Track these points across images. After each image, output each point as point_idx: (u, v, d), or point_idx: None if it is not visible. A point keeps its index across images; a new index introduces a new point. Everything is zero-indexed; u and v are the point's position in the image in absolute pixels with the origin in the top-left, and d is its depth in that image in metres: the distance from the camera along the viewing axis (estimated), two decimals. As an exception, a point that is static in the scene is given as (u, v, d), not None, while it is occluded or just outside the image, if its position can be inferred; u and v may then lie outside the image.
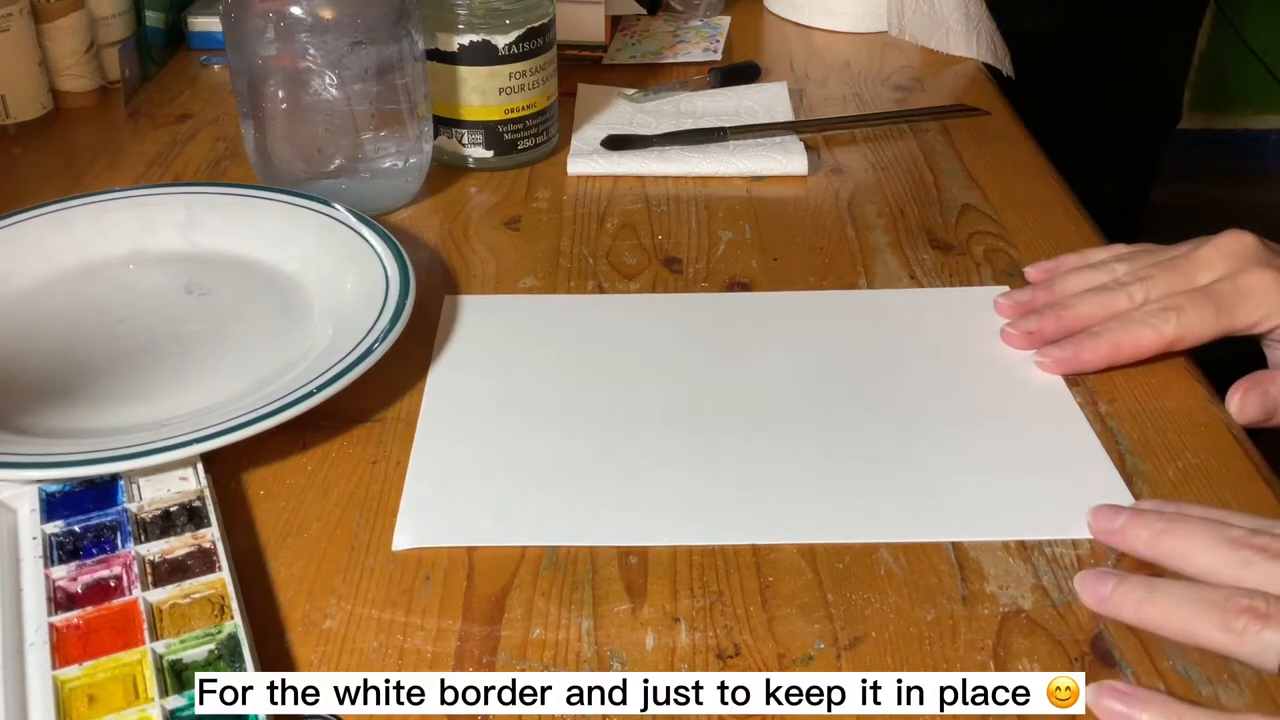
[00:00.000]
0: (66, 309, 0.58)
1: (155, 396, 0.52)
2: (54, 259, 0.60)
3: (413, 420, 0.51)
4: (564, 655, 0.41)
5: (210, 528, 0.44)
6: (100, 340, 0.55)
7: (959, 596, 0.43)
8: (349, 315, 0.55)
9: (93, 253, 0.61)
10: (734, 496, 0.47)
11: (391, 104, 0.65)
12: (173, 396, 0.52)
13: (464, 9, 0.67)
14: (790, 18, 0.96)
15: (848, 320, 0.58)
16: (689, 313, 0.58)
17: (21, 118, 0.76)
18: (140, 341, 0.55)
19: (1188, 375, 0.53)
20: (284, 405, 0.48)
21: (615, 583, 0.43)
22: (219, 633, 0.40)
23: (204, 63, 0.87)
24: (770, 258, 0.59)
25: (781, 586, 0.43)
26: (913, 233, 0.64)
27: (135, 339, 0.56)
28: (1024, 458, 0.49)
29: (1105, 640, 0.41)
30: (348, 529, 0.46)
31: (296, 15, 0.61)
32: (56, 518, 0.44)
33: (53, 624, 0.40)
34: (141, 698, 0.38)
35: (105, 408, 0.51)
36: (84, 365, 0.54)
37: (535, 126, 0.71)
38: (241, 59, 0.64)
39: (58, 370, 0.54)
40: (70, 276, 0.60)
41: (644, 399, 0.52)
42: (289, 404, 0.48)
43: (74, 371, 0.53)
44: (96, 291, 0.59)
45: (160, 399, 0.51)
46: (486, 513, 0.46)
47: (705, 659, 0.40)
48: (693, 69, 0.86)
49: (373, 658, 0.41)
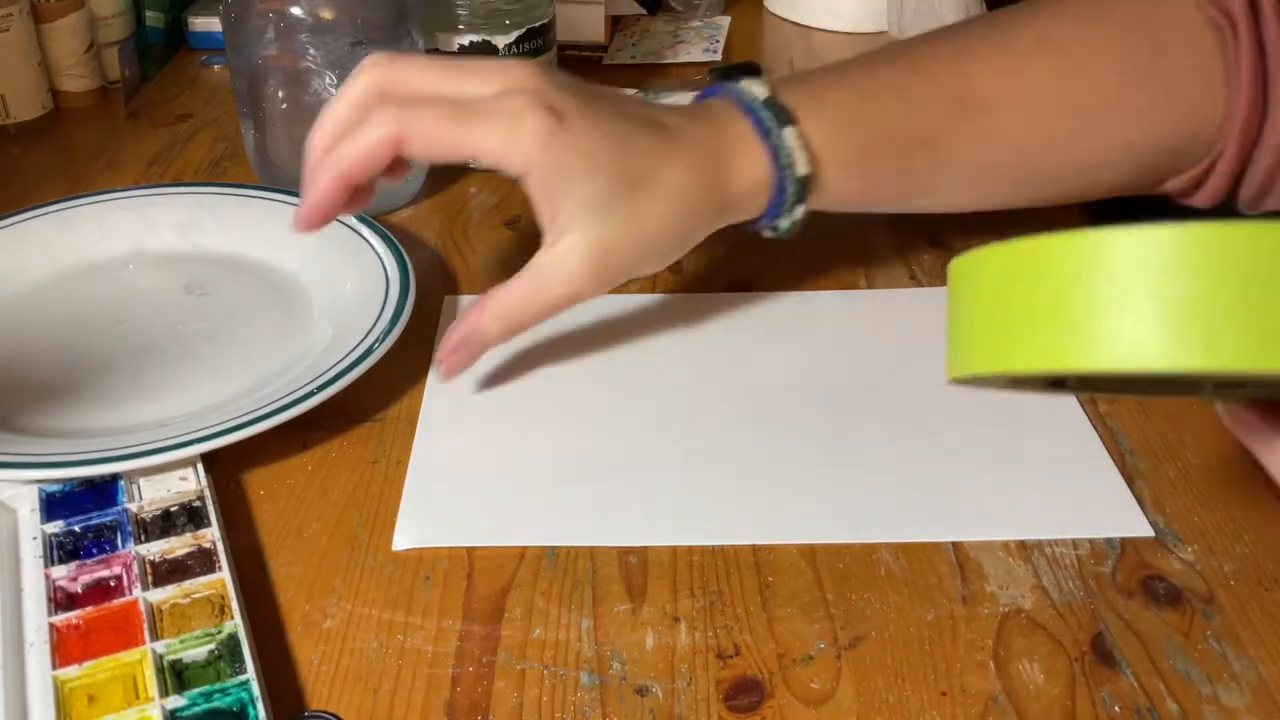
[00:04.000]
0: (67, 309, 0.58)
1: (154, 396, 0.52)
2: (54, 259, 0.60)
3: (413, 420, 0.51)
4: (564, 655, 0.41)
5: (210, 528, 0.44)
6: (100, 340, 0.55)
7: (959, 596, 0.43)
8: (349, 315, 0.55)
9: (93, 253, 0.61)
10: (734, 496, 0.47)
11: (391, 104, 0.65)
12: (172, 397, 0.52)
13: (464, 9, 0.67)
14: (790, 18, 0.96)
15: (848, 320, 0.58)
16: (689, 313, 0.58)
17: (21, 118, 0.77)
18: (139, 342, 0.55)
19: (1188, 375, 0.53)
20: (284, 405, 0.48)
21: (615, 583, 0.43)
22: (219, 633, 0.40)
23: (204, 63, 0.87)
24: (770, 258, 0.59)
25: (781, 586, 0.43)
26: (913, 233, 0.64)
27: (135, 339, 0.56)
28: (1024, 457, 0.49)
29: (1105, 640, 0.41)
30: (348, 529, 0.46)
31: (296, 15, 0.61)
32: (56, 518, 0.44)
33: (53, 624, 0.40)
34: (141, 698, 0.38)
35: (104, 408, 0.51)
36: (83, 365, 0.54)
37: (535, 126, 0.71)
38: (241, 59, 0.64)
39: (57, 370, 0.54)
40: (71, 276, 0.60)
41: (644, 399, 0.52)
42: (289, 404, 0.48)
43: (73, 371, 0.53)
44: (97, 291, 0.59)
45: (159, 399, 0.51)
46: (486, 513, 0.46)
47: (705, 659, 0.40)
48: (693, 69, 0.86)
49: (373, 658, 0.41)
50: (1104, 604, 0.42)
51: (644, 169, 0.49)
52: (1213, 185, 0.57)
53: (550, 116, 0.47)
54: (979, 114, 0.54)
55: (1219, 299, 0.25)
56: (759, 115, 0.51)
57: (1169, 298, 0.26)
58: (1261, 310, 0.25)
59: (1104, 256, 0.27)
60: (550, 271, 0.49)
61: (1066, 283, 0.28)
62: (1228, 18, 0.54)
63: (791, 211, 0.53)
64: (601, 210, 0.48)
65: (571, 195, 0.48)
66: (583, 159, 0.48)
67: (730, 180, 0.51)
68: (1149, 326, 0.26)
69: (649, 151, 0.49)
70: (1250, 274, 0.25)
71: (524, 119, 0.47)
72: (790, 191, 0.52)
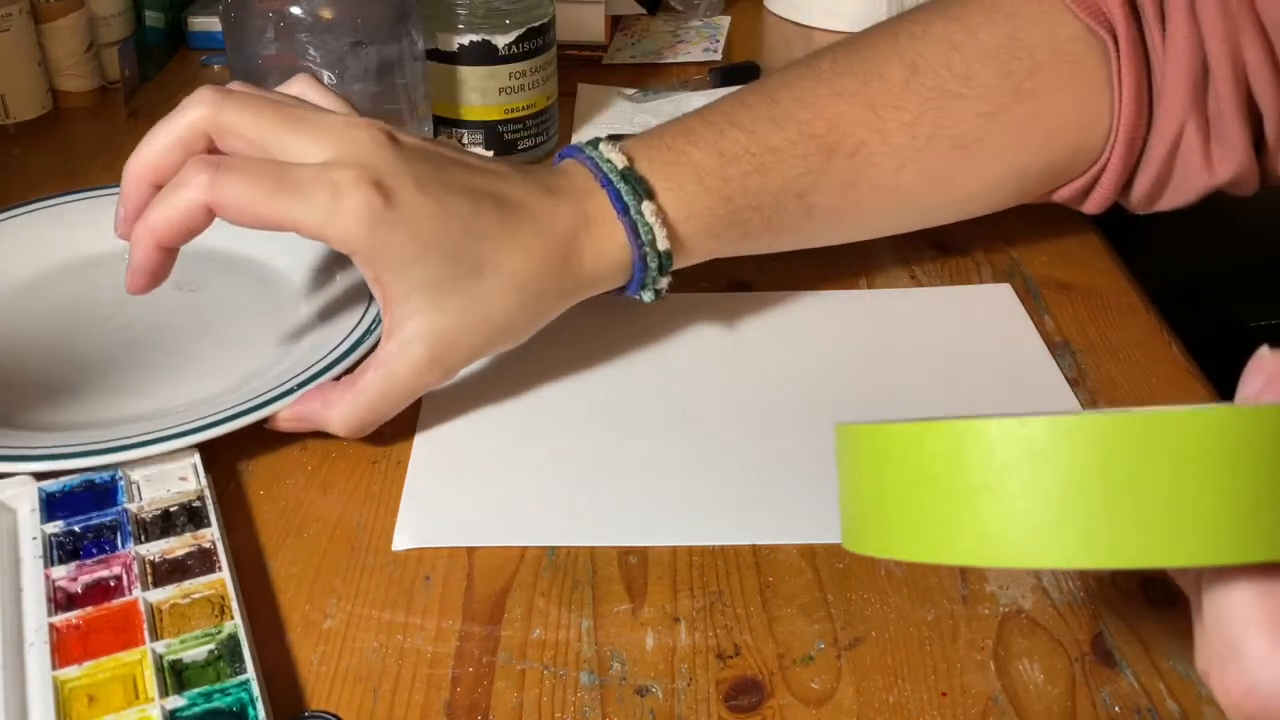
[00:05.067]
0: (58, 304, 0.58)
1: (140, 392, 0.52)
2: (48, 254, 0.61)
3: (413, 420, 0.51)
4: (564, 655, 0.41)
5: (210, 528, 0.44)
6: (89, 335, 0.56)
7: (959, 596, 0.43)
8: (337, 310, 0.55)
9: (87, 248, 0.61)
10: (734, 496, 0.47)
11: (391, 104, 0.65)
12: (159, 393, 0.52)
13: (464, 9, 0.67)
14: (790, 18, 0.96)
15: (848, 320, 0.58)
16: (689, 313, 0.58)
17: (21, 117, 0.76)
18: (127, 336, 0.56)
19: (1188, 375, 0.53)
20: (275, 397, 0.48)
21: (615, 583, 0.43)
22: (219, 633, 0.40)
23: (204, 63, 0.87)
24: (770, 258, 0.59)
25: (781, 586, 0.43)
26: (913, 233, 0.64)
27: (123, 334, 0.56)
28: (1024, 458, 0.49)
29: (1106, 640, 0.41)
30: (348, 529, 0.46)
31: (296, 15, 0.61)
32: (56, 518, 0.44)
33: (53, 624, 0.40)
34: (141, 698, 0.38)
35: (91, 402, 0.51)
36: (72, 360, 0.54)
37: (535, 126, 0.71)
38: (241, 59, 0.64)
39: (46, 364, 0.54)
40: (64, 271, 0.61)
41: (644, 399, 0.52)
42: (279, 395, 0.48)
43: (62, 366, 0.54)
44: (89, 286, 0.59)
45: (145, 395, 0.52)
46: (486, 513, 0.46)
47: (705, 659, 0.40)
48: (693, 69, 0.86)
49: (373, 658, 0.41)
50: (1104, 604, 0.42)
51: (484, 252, 0.47)
52: (1100, 194, 0.56)
53: (375, 194, 0.44)
54: (850, 158, 0.53)
55: (1091, 494, 0.24)
56: (616, 189, 0.49)
57: (1044, 492, 0.25)
58: (1135, 504, 0.24)
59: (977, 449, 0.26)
60: (397, 364, 0.47)
61: (939, 474, 0.27)
62: (1106, 24, 0.53)
63: (655, 282, 0.52)
64: (439, 294, 0.46)
65: (403, 279, 0.46)
66: (411, 241, 0.45)
67: (585, 259, 0.49)
68: (1030, 521, 0.25)
69: (488, 233, 0.47)
70: (1120, 467, 0.24)
71: (346, 196, 0.44)
72: (652, 267, 0.50)
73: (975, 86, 0.53)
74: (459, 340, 0.47)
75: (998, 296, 0.59)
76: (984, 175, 0.55)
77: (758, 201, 0.52)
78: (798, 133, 0.52)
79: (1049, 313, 0.58)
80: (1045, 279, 0.60)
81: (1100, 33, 0.53)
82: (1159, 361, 0.54)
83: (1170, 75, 0.52)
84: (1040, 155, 0.55)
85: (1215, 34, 0.51)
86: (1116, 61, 0.53)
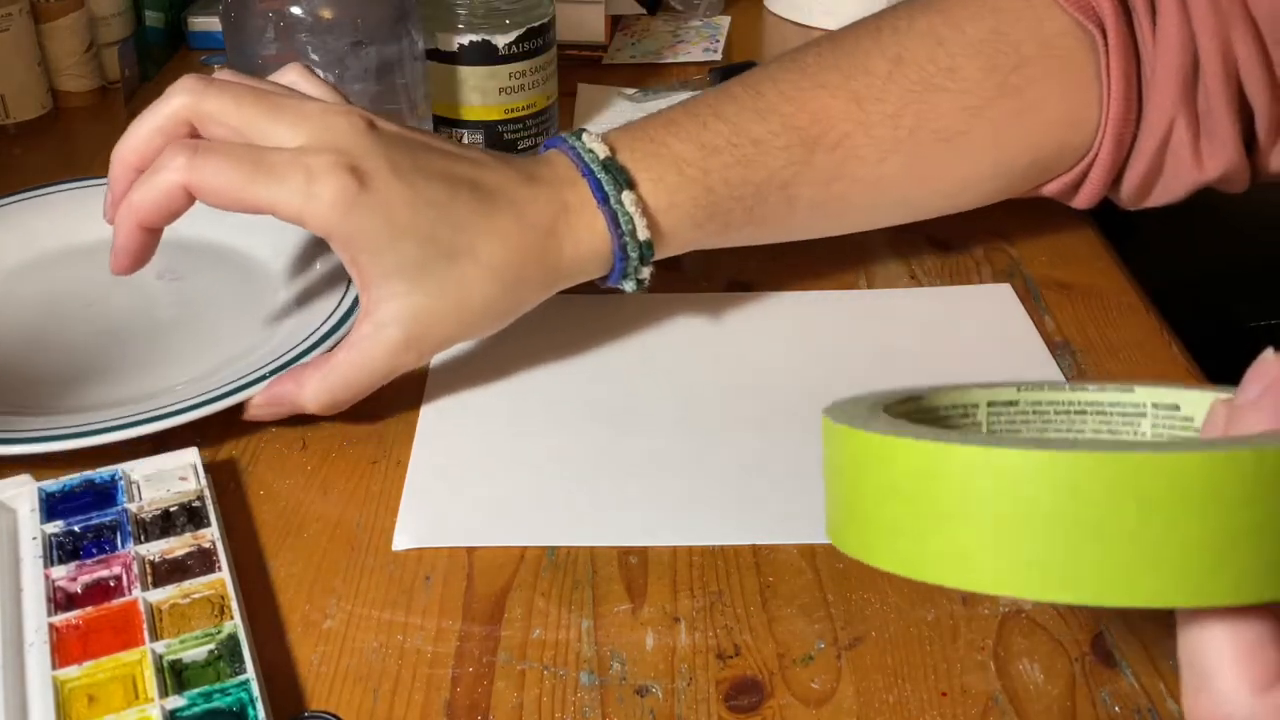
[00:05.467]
0: (42, 292, 0.59)
1: (120, 379, 0.52)
2: (33, 243, 0.62)
3: (413, 420, 0.51)
4: (564, 655, 0.41)
5: (210, 528, 0.44)
6: (70, 323, 0.57)
7: (959, 597, 0.43)
8: (318, 296, 0.55)
9: (71, 237, 0.62)
10: (734, 496, 0.47)
11: (391, 104, 0.65)
12: (139, 380, 0.52)
13: (464, 9, 0.67)
14: (790, 18, 0.96)
15: (848, 320, 0.58)
16: (689, 313, 0.58)
17: (21, 117, 0.76)
18: (106, 325, 0.56)
19: (1188, 375, 0.53)
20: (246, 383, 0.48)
21: (615, 583, 0.43)
22: (219, 633, 0.40)
23: (204, 63, 0.87)
24: (770, 258, 0.59)
25: (781, 586, 0.43)
26: (912, 232, 0.64)
27: (102, 322, 0.56)
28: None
29: (1106, 640, 0.41)
30: (348, 529, 0.46)
31: (296, 15, 0.61)
32: (56, 518, 0.44)
33: (52, 624, 0.40)
34: (141, 698, 0.38)
35: (70, 389, 0.52)
36: (51, 347, 0.55)
37: (535, 126, 0.71)
38: (241, 59, 0.64)
39: (27, 352, 0.55)
40: (49, 260, 0.61)
41: (644, 399, 0.52)
42: (252, 382, 0.48)
43: (42, 353, 0.54)
44: (72, 275, 0.60)
45: (124, 382, 0.52)
46: (486, 513, 0.46)
47: (705, 659, 0.40)
48: (693, 69, 0.86)
49: (373, 658, 0.41)
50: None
51: (460, 238, 0.47)
52: (1089, 189, 0.56)
53: (350, 179, 0.45)
54: (832, 150, 0.52)
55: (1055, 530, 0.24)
56: (597, 178, 0.50)
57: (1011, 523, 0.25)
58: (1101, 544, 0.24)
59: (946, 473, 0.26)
60: (372, 344, 0.47)
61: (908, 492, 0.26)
62: (1095, 19, 0.52)
63: (637, 272, 0.52)
64: (415, 279, 0.46)
65: (379, 263, 0.46)
66: (386, 225, 0.46)
67: (564, 247, 0.49)
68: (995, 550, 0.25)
69: (465, 221, 0.47)
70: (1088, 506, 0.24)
71: (321, 180, 0.45)
72: (633, 256, 0.51)
73: (960, 80, 0.53)
74: (435, 325, 0.48)
75: (998, 296, 0.59)
76: (968, 169, 0.55)
77: (740, 193, 0.52)
78: (781, 125, 0.52)
79: (1049, 312, 0.58)
80: (1045, 279, 0.60)
81: (1089, 27, 0.52)
82: (1159, 361, 0.54)
83: (1160, 70, 0.52)
84: (1026, 150, 0.55)
85: (1206, 29, 0.51)
86: (1105, 56, 0.53)
